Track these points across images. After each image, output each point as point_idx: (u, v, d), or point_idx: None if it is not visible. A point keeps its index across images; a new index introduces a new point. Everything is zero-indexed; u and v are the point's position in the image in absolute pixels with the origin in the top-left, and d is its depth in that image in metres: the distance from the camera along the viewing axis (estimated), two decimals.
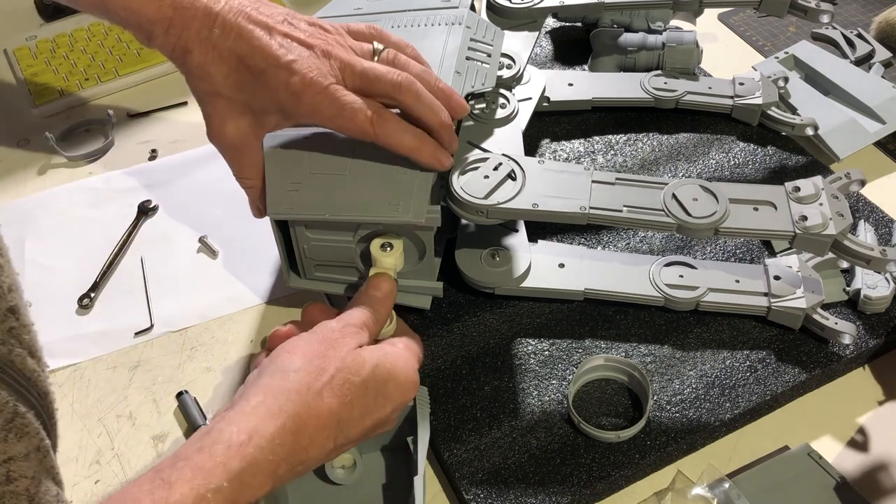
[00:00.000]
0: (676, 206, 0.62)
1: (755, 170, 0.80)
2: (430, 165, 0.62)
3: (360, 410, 0.52)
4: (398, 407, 0.55)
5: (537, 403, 0.64)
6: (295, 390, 0.50)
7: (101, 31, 1.02)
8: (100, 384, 0.70)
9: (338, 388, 0.51)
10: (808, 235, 0.60)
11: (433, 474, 0.63)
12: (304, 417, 0.49)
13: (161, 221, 0.83)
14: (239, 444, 0.46)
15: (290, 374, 0.50)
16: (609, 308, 0.69)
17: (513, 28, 0.82)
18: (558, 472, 0.60)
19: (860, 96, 0.84)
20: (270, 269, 0.77)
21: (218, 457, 0.45)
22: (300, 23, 0.61)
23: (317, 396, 0.50)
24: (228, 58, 0.58)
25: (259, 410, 0.48)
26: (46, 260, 0.80)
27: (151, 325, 0.74)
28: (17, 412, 0.49)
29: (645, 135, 0.84)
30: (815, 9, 0.78)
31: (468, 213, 0.64)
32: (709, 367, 0.65)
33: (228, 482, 0.45)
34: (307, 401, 0.50)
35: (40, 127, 0.92)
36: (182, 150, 0.89)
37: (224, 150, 0.63)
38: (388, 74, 0.59)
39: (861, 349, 0.65)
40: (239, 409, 0.48)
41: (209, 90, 0.60)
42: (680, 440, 0.61)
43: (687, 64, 0.86)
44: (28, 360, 0.51)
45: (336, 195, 0.61)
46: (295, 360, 0.52)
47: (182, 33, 0.58)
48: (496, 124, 0.71)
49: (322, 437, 0.50)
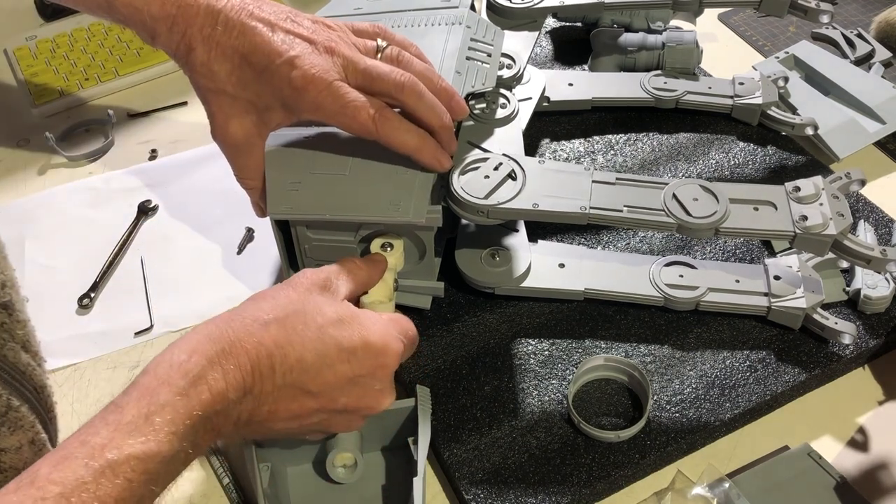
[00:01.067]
0: (677, 206, 0.62)
1: (755, 170, 0.80)
2: (430, 166, 0.62)
3: (314, 355, 0.50)
4: (372, 373, 0.53)
5: (537, 403, 0.64)
6: (239, 319, 0.50)
7: (101, 31, 1.02)
8: (100, 384, 0.70)
9: (288, 326, 0.50)
10: (809, 235, 0.60)
11: (433, 474, 0.63)
12: (246, 343, 0.48)
13: (161, 221, 0.83)
14: (180, 363, 0.46)
15: (239, 308, 0.51)
16: (609, 308, 0.69)
17: (513, 28, 0.82)
18: (558, 472, 0.60)
19: (860, 96, 0.84)
20: (270, 269, 0.77)
21: (161, 375, 0.46)
22: (303, 20, 0.61)
23: (262, 327, 0.49)
24: (232, 55, 0.59)
25: (200, 334, 0.48)
26: (46, 260, 0.80)
27: (151, 325, 0.74)
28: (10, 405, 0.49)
29: (645, 135, 0.84)
30: (815, 9, 0.78)
31: (468, 213, 0.64)
32: (709, 367, 0.65)
33: (178, 396, 0.45)
34: (251, 329, 0.49)
35: (40, 127, 0.92)
36: (182, 150, 0.89)
37: (227, 148, 0.63)
38: (391, 73, 0.59)
39: (861, 349, 0.65)
40: (185, 336, 0.49)
41: (213, 88, 0.60)
42: (680, 440, 0.61)
43: (687, 64, 0.86)
44: (22, 354, 0.51)
45: (336, 195, 0.61)
46: (258, 302, 0.52)
47: (186, 31, 0.59)
48: (496, 124, 0.71)
49: (268, 365, 0.49)
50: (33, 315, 0.74)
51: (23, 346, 0.52)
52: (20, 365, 0.51)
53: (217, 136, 0.62)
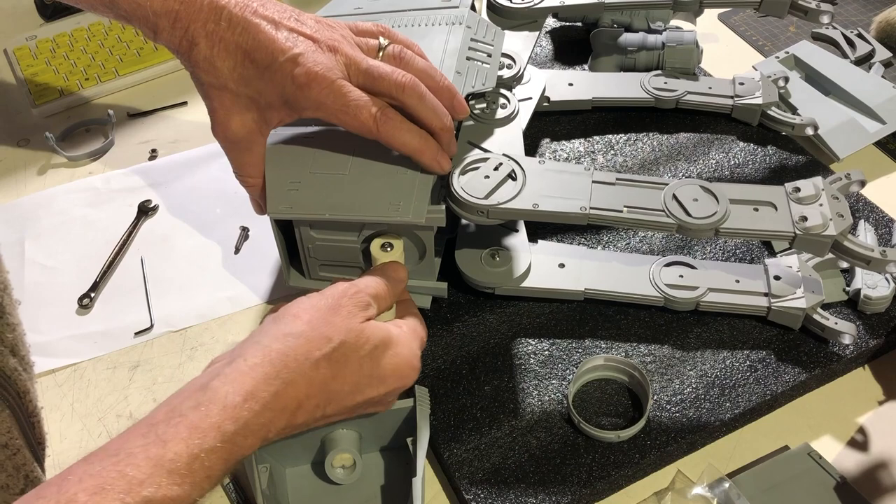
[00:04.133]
0: (677, 207, 0.62)
1: (755, 170, 0.80)
2: (430, 167, 0.62)
3: (351, 386, 0.52)
4: (394, 391, 0.55)
5: (537, 403, 0.64)
6: (293, 357, 0.50)
7: (101, 31, 1.02)
8: (100, 384, 0.70)
9: (335, 362, 0.51)
10: (809, 236, 0.60)
11: (433, 474, 0.63)
12: (299, 385, 0.49)
13: (161, 221, 0.83)
14: (234, 406, 0.46)
15: (291, 340, 0.50)
16: (609, 308, 0.69)
17: (513, 28, 0.82)
18: (558, 472, 0.60)
19: (860, 96, 0.84)
20: (270, 269, 0.77)
21: (213, 417, 0.46)
22: (307, 19, 0.62)
23: (313, 367, 0.50)
24: (235, 51, 0.59)
25: (256, 372, 0.48)
26: (46, 260, 0.80)
27: (151, 325, 0.74)
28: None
29: (645, 135, 0.84)
30: (815, 9, 0.78)
31: (468, 213, 0.64)
32: (709, 367, 0.65)
33: (222, 443, 0.45)
34: (303, 369, 0.50)
35: (40, 127, 0.92)
36: (182, 150, 0.89)
37: (228, 145, 0.63)
38: (393, 74, 0.59)
39: (861, 349, 0.65)
40: (236, 367, 0.48)
41: (215, 84, 0.60)
42: (680, 440, 0.61)
43: (687, 64, 0.86)
44: (10, 358, 0.51)
45: (336, 195, 0.61)
46: (298, 324, 0.51)
47: (188, 26, 0.59)
48: (496, 124, 0.71)
49: (312, 405, 0.50)
50: (33, 315, 0.74)
51: (11, 350, 0.52)
52: (6, 370, 0.51)
53: (218, 133, 0.62)
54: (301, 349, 0.50)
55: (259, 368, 0.48)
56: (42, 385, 0.70)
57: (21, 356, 0.52)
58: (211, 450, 0.45)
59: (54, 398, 0.69)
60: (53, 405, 0.69)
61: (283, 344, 0.50)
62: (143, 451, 0.43)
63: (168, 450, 0.43)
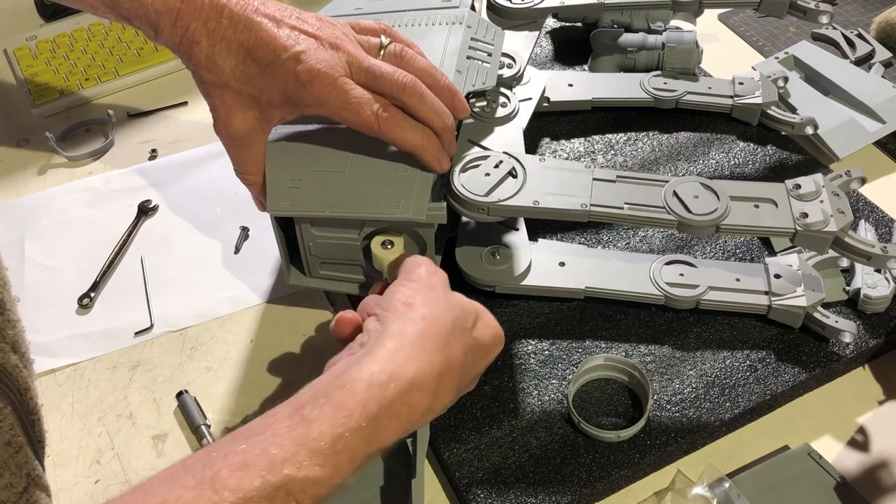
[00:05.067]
0: (677, 204, 0.62)
1: (755, 169, 0.80)
2: (430, 166, 0.62)
3: (471, 360, 0.52)
4: (490, 361, 0.55)
5: (537, 403, 0.64)
6: (429, 337, 0.49)
7: (101, 31, 1.02)
8: (100, 384, 0.70)
9: (459, 337, 0.51)
10: (809, 232, 0.60)
11: (433, 474, 0.63)
12: (438, 365, 0.48)
13: (161, 221, 0.83)
14: (379, 384, 0.46)
15: (419, 322, 0.50)
16: (609, 307, 0.69)
17: (513, 28, 0.82)
18: (558, 472, 0.60)
19: (860, 96, 0.84)
20: (270, 269, 0.77)
21: (359, 395, 0.45)
22: (308, 17, 0.62)
23: (446, 345, 0.50)
24: (237, 49, 0.59)
25: (398, 355, 0.47)
26: (46, 260, 0.80)
27: (151, 325, 0.74)
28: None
29: (645, 135, 0.84)
30: (815, 9, 0.78)
31: (469, 211, 0.64)
32: (709, 367, 0.65)
33: (367, 423, 0.44)
34: (440, 348, 0.49)
35: (40, 127, 0.92)
36: (182, 150, 0.89)
37: (230, 142, 0.63)
38: (394, 74, 0.60)
39: (861, 349, 0.65)
40: (374, 353, 0.48)
41: (217, 82, 0.60)
42: (680, 440, 0.61)
43: (687, 64, 0.86)
44: (11, 355, 0.51)
45: (337, 192, 0.61)
46: (417, 309, 0.51)
47: (190, 25, 0.59)
48: (497, 122, 0.72)
49: (450, 384, 0.50)
50: (33, 315, 0.74)
51: (12, 346, 0.52)
52: (7, 366, 0.51)
53: (220, 131, 0.62)
54: (431, 329, 0.50)
55: (400, 351, 0.48)
56: (42, 385, 0.70)
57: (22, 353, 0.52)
58: (356, 430, 0.44)
59: (54, 398, 0.69)
60: (53, 405, 0.69)
61: (414, 327, 0.49)
62: (287, 431, 0.43)
63: (312, 429, 0.43)
